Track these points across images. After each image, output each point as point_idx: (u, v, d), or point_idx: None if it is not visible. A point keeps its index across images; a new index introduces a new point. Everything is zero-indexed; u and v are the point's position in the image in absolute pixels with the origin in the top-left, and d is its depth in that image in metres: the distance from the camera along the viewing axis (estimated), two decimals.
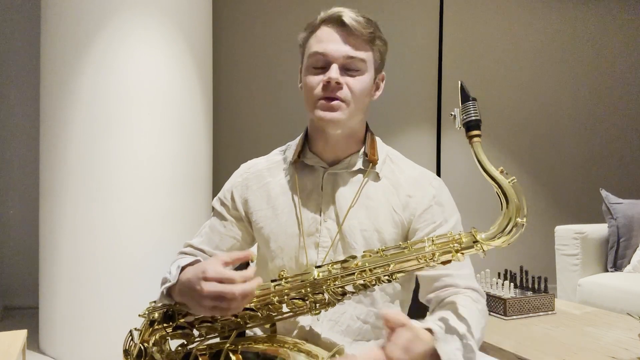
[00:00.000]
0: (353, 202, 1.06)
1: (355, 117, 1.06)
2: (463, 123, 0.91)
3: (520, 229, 0.83)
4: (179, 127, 2.92)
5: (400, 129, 4.57)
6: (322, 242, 1.07)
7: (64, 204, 2.78)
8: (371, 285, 0.88)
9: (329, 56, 1.02)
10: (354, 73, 1.03)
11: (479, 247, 0.85)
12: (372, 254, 0.88)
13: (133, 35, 2.78)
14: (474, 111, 0.90)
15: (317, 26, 1.05)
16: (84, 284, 2.74)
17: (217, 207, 1.20)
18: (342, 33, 1.02)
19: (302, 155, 1.12)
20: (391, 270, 0.86)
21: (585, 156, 5.08)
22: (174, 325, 0.96)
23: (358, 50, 1.02)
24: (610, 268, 3.03)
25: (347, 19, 1.01)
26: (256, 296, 0.90)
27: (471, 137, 0.90)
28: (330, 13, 1.04)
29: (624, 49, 5.17)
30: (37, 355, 2.86)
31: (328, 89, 1.01)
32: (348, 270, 0.87)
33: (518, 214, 0.83)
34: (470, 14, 4.79)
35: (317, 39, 1.04)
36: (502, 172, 0.87)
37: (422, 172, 1.13)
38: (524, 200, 0.85)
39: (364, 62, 1.03)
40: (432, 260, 0.85)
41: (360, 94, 1.03)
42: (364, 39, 1.02)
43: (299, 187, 1.10)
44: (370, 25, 1.04)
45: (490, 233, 0.85)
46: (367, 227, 1.06)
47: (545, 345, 1.51)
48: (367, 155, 1.09)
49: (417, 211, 1.07)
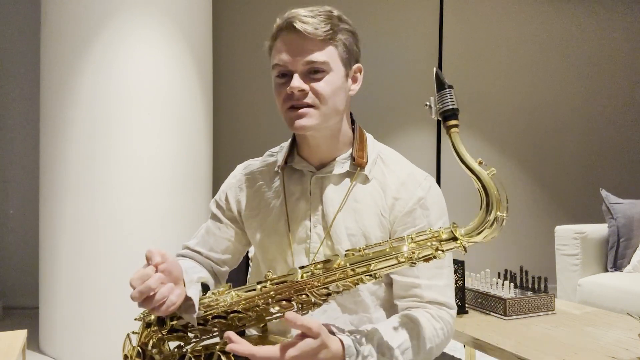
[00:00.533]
0: (340, 206, 1.05)
1: (331, 118, 1.02)
2: (440, 112, 0.87)
3: (501, 223, 0.80)
4: (179, 127, 2.92)
5: (400, 129, 4.57)
6: (313, 248, 1.06)
7: (64, 203, 2.78)
8: (353, 284, 0.86)
9: (288, 66, 0.99)
10: (317, 76, 0.99)
11: (459, 243, 0.82)
12: (355, 252, 0.87)
13: (133, 35, 2.78)
14: (450, 100, 0.86)
15: (275, 35, 1.02)
16: (84, 284, 2.74)
17: (213, 209, 1.20)
18: (296, 39, 0.98)
19: (290, 160, 1.10)
20: (372, 270, 0.84)
21: (585, 156, 5.08)
22: (168, 328, 0.96)
23: (315, 53, 0.98)
24: (610, 268, 3.03)
25: (298, 24, 0.96)
26: (243, 298, 0.90)
27: (449, 127, 0.86)
28: (283, 20, 0.99)
29: (624, 48, 5.17)
30: (37, 355, 2.86)
31: (293, 98, 0.99)
32: (330, 271, 0.86)
33: (498, 208, 0.80)
34: (470, 14, 4.79)
35: (277, 50, 1.01)
36: (481, 163, 0.84)
37: (413, 173, 1.08)
38: (504, 193, 0.81)
39: (325, 63, 0.99)
40: (412, 258, 0.83)
41: (330, 95, 0.99)
42: (320, 39, 0.98)
43: (288, 192, 1.09)
44: (326, 22, 0.98)
45: (469, 228, 0.82)
46: (355, 231, 1.04)
47: (545, 345, 1.50)
48: (354, 159, 1.06)
49: (400, 213, 1.04)
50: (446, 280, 1.05)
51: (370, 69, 4.24)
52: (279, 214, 1.09)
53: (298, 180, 1.10)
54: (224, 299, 0.92)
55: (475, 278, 2.08)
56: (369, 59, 4.49)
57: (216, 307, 0.92)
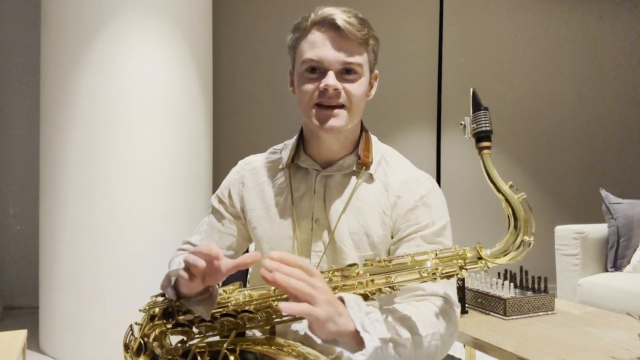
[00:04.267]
0: (345, 205, 1.05)
1: (355, 120, 1.04)
2: (473, 133, 0.88)
3: (527, 247, 0.81)
4: (179, 127, 2.92)
5: (400, 129, 4.57)
6: (315, 247, 1.06)
7: (64, 204, 2.78)
8: (371, 295, 0.85)
9: (324, 63, 0.97)
10: (351, 77, 0.99)
11: (484, 263, 0.83)
12: (374, 262, 0.86)
13: (133, 35, 2.78)
14: (484, 121, 0.87)
15: (308, 29, 1.00)
16: (84, 284, 2.74)
17: (215, 204, 1.19)
18: (336, 37, 0.97)
19: (296, 158, 1.10)
20: (392, 282, 0.84)
21: (585, 156, 5.08)
22: (174, 322, 0.96)
23: (354, 55, 0.98)
24: (610, 268, 3.03)
25: (341, 21, 0.95)
26: (255, 298, 0.90)
27: (481, 148, 0.87)
28: (322, 15, 0.98)
29: (624, 48, 5.17)
30: (37, 355, 2.86)
31: (325, 95, 0.97)
32: (348, 279, 0.85)
33: (526, 232, 0.81)
34: (470, 14, 4.79)
35: (310, 44, 0.99)
36: (512, 187, 0.84)
37: (415, 173, 1.10)
38: (532, 218, 0.82)
39: (361, 66, 1.00)
40: (434, 274, 0.83)
41: (360, 98, 1.01)
42: (358, 42, 0.98)
43: (293, 190, 1.08)
44: (363, 26, 0.99)
45: (496, 250, 0.83)
46: (357, 230, 1.04)
47: (545, 345, 1.50)
48: (360, 157, 1.06)
49: (403, 211, 1.04)
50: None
51: None
52: (284, 212, 1.08)
53: (303, 177, 1.09)
54: (235, 297, 0.91)
55: (475, 278, 2.09)
56: None
57: (226, 304, 0.91)
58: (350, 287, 0.84)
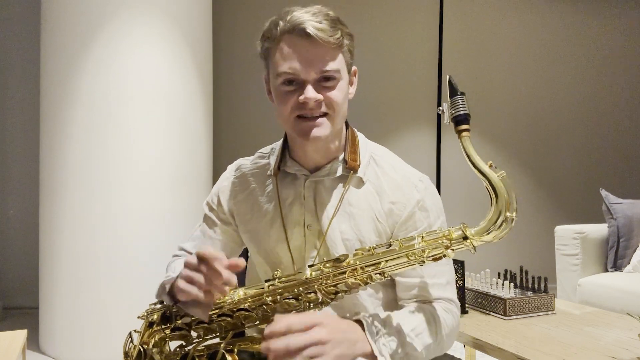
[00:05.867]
0: (335, 210, 1.03)
1: (339, 124, 1.01)
2: (452, 118, 0.90)
3: (510, 223, 0.83)
4: (179, 127, 2.92)
5: (400, 129, 4.57)
6: (307, 253, 1.05)
7: (63, 203, 2.78)
8: (363, 283, 0.87)
9: (300, 75, 0.93)
10: (329, 85, 0.95)
11: (469, 242, 0.84)
12: (364, 252, 0.88)
13: (133, 35, 2.78)
14: (462, 105, 0.90)
15: (278, 39, 0.94)
16: (84, 284, 2.74)
17: (206, 211, 1.18)
18: (309, 46, 0.92)
19: (283, 164, 1.07)
20: (382, 268, 0.85)
21: (585, 156, 5.08)
22: (172, 326, 0.96)
23: (329, 62, 0.93)
24: (610, 268, 3.03)
25: (311, 29, 0.90)
26: (250, 296, 0.90)
27: (460, 131, 0.90)
28: (291, 23, 0.91)
29: (624, 48, 5.17)
30: (37, 355, 2.86)
31: (306, 107, 0.94)
32: (340, 269, 0.87)
33: (508, 208, 0.83)
34: (470, 14, 4.79)
35: (282, 56, 0.93)
36: (491, 166, 0.86)
37: (407, 174, 1.06)
38: (513, 194, 0.84)
39: (338, 71, 0.95)
40: (422, 257, 0.84)
41: (342, 103, 0.97)
42: (332, 47, 0.93)
43: (282, 197, 1.06)
44: (335, 28, 0.93)
45: (480, 228, 0.84)
46: (350, 236, 1.03)
47: (545, 345, 1.50)
48: (346, 162, 1.03)
49: (400, 218, 1.03)
50: (448, 277, 1.05)
51: (370, 69, 4.28)
52: (273, 219, 1.07)
53: (291, 183, 1.07)
54: (231, 297, 0.92)
55: (475, 278, 2.08)
56: (369, 59, 4.50)
57: (222, 304, 0.92)
58: (342, 276, 0.87)
